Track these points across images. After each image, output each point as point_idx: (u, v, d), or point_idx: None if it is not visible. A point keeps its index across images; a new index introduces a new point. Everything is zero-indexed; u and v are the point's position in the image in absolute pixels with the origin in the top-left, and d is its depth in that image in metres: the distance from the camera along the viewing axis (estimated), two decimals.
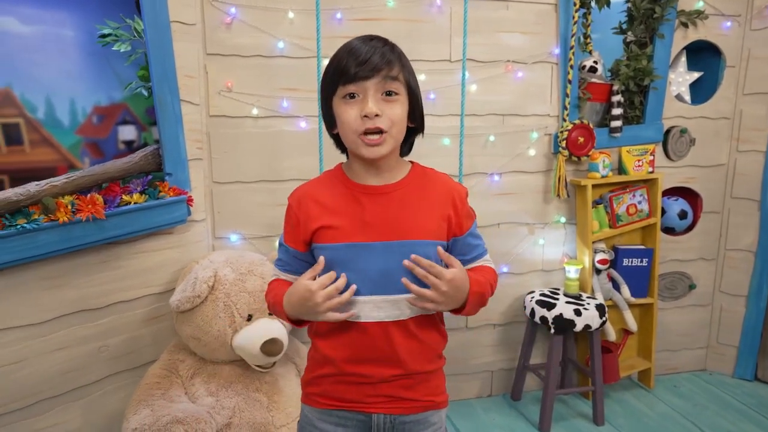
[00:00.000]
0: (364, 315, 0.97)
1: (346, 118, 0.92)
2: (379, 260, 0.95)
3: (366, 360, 0.98)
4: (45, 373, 1.53)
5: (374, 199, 0.97)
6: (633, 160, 2.23)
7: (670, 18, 2.19)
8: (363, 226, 0.96)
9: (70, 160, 1.69)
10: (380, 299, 0.96)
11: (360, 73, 0.89)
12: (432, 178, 1.03)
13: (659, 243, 2.32)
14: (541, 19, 2.12)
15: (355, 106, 0.92)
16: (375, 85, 0.91)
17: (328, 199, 0.99)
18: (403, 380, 0.99)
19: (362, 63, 0.89)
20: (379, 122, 0.91)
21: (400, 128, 0.95)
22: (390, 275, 0.95)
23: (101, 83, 1.75)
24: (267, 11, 1.87)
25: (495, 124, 2.15)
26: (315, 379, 1.04)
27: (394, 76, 0.92)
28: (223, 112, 1.89)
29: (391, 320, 0.97)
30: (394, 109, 0.93)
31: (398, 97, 0.93)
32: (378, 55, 0.90)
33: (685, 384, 2.47)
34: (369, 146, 0.92)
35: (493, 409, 2.26)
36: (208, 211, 1.93)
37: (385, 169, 0.99)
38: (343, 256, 0.96)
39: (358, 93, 0.91)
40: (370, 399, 0.99)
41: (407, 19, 2.00)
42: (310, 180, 1.06)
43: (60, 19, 1.65)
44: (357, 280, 0.96)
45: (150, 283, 1.75)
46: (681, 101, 2.37)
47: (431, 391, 1.03)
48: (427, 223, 0.97)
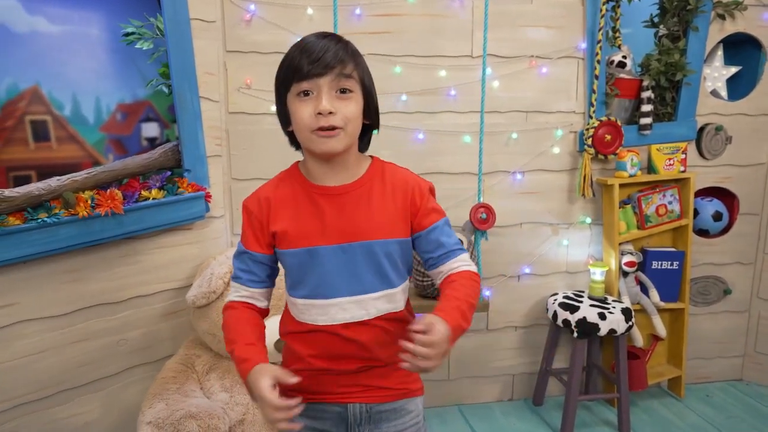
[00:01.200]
0: (329, 318, 0.96)
1: (300, 115, 0.90)
2: (341, 263, 0.94)
3: (336, 357, 0.98)
4: (65, 365, 1.56)
5: (332, 200, 0.96)
6: (663, 158, 2.14)
7: (706, 10, 2.09)
8: (322, 229, 0.94)
9: (95, 157, 1.72)
10: (345, 301, 0.95)
11: (313, 71, 0.88)
12: (391, 174, 1.00)
13: (691, 245, 2.22)
14: (567, 12, 2.06)
15: (309, 104, 0.90)
16: (329, 83, 0.89)
17: (287, 202, 0.97)
18: (375, 369, 0.99)
19: (315, 60, 0.88)
20: (332, 120, 0.89)
21: (355, 125, 0.94)
22: (353, 277, 0.95)
23: (125, 81, 1.77)
24: (286, 8, 1.87)
25: (518, 122, 2.10)
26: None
27: (348, 74, 0.90)
28: (242, 108, 1.90)
29: (356, 320, 0.96)
30: (348, 107, 0.91)
31: (352, 94, 0.92)
32: (331, 53, 0.89)
33: (718, 394, 2.36)
34: (322, 140, 0.90)
35: (513, 414, 2.21)
36: (227, 208, 1.94)
37: (341, 168, 0.97)
38: (304, 261, 0.95)
39: (311, 90, 0.90)
40: (344, 389, 0.99)
41: (428, 14, 1.97)
42: (266, 182, 1.03)
43: (86, 18, 1.68)
44: (320, 283, 0.95)
45: (168, 278, 1.77)
46: (717, 97, 2.26)
47: (404, 379, 1.02)
48: (388, 220, 0.96)
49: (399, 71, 1.98)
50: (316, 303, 0.96)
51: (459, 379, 2.25)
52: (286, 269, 0.99)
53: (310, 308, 0.96)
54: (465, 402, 2.28)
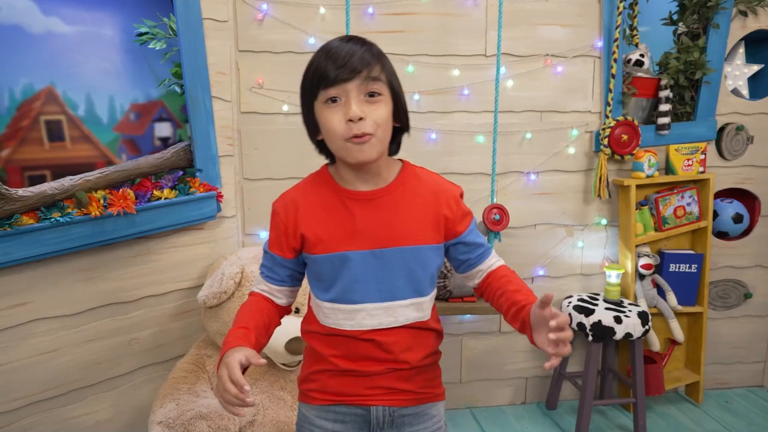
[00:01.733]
0: (356, 323, 0.94)
1: (331, 124, 0.88)
2: (372, 268, 0.93)
3: (360, 358, 0.97)
4: (77, 364, 1.57)
5: (363, 205, 0.94)
6: (682, 159, 2.09)
7: (727, 6, 2.04)
8: (353, 234, 0.93)
9: (108, 156, 1.73)
10: (373, 307, 0.94)
11: (340, 76, 0.86)
12: (423, 179, 0.98)
13: (710, 248, 2.17)
14: (583, 10, 2.02)
15: (339, 111, 0.87)
16: (357, 87, 0.87)
17: (317, 207, 0.96)
18: (400, 372, 0.97)
19: (341, 65, 0.86)
20: (364, 126, 0.87)
21: (386, 129, 0.91)
22: (383, 283, 0.93)
23: (138, 81, 1.78)
24: (298, 7, 1.86)
25: (532, 121, 2.07)
26: (312, 375, 1.02)
27: (375, 77, 0.88)
28: (254, 108, 1.89)
29: (383, 327, 0.94)
30: (378, 111, 0.89)
31: (381, 97, 0.90)
32: (357, 57, 0.87)
33: (738, 400, 2.30)
34: (356, 148, 0.88)
35: (526, 418, 2.18)
36: (238, 208, 1.94)
37: (373, 173, 0.95)
38: (334, 266, 0.94)
39: (339, 96, 0.87)
40: (368, 391, 0.98)
41: (441, 12, 1.94)
42: (296, 184, 1.01)
43: (100, 18, 1.69)
44: (349, 288, 0.93)
45: (180, 278, 1.78)
46: (738, 96, 2.21)
47: (428, 383, 1.01)
48: (420, 226, 0.94)
49: (411, 70, 1.96)
50: (343, 308, 0.94)
51: (471, 381, 2.22)
52: (314, 273, 0.97)
53: (337, 312, 0.95)
54: (477, 405, 2.25)
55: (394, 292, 0.93)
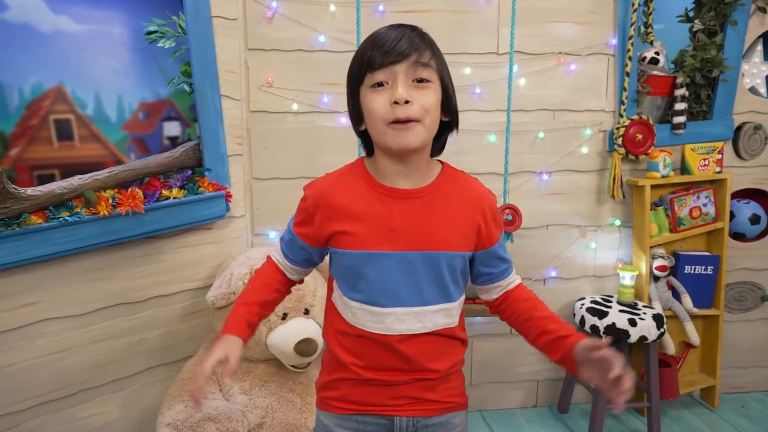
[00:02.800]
0: (384, 327, 0.91)
1: (374, 106, 0.84)
2: (403, 271, 0.89)
3: (384, 367, 0.93)
4: (86, 364, 1.56)
5: (400, 203, 0.90)
6: (698, 158, 2.05)
7: (746, 2, 1.99)
8: (388, 233, 0.89)
9: (117, 156, 1.72)
10: (402, 311, 0.90)
11: (388, 59, 0.82)
12: (462, 182, 0.95)
13: (726, 250, 2.13)
14: (597, 7, 1.98)
15: (384, 94, 0.84)
16: (405, 71, 0.83)
17: (350, 200, 0.91)
18: (424, 381, 0.94)
19: (390, 49, 0.82)
20: (409, 110, 0.83)
21: (434, 118, 0.87)
22: (413, 287, 0.89)
23: (147, 80, 1.77)
24: (308, 4, 1.84)
25: (545, 120, 2.03)
26: (332, 382, 0.99)
27: (425, 62, 0.84)
28: (264, 107, 1.88)
29: (412, 333, 0.91)
30: (426, 96, 0.84)
31: (430, 84, 0.85)
32: (406, 40, 0.83)
33: (754, 405, 2.26)
34: (398, 133, 0.84)
35: (538, 421, 2.15)
36: (247, 208, 1.92)
37: (413, 170, 0.91)
38: (364, 264, 0.89)
39: (386, 80, 0.84)
40: (392, 401, 0.94)
41: (452, 10, 1.92)
42: (330, 173, 0.97)
43: (109, 17, 1.68)
44: (379, 290, 0.89)
45: (189, 278, 1.76)
46: (756, 95, 2.16)
47: (452, 392, 0.98)
48: (455, 231, 0.90)
49: None
50: (371, 310, 0.90)
51: (482, 384, 2.19)
52: (342, 268, 0.93)
53: (365, 314, 0.91)
54: (488, 408, 2.22)
55: (424, 296, 0.89)
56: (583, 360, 0.84)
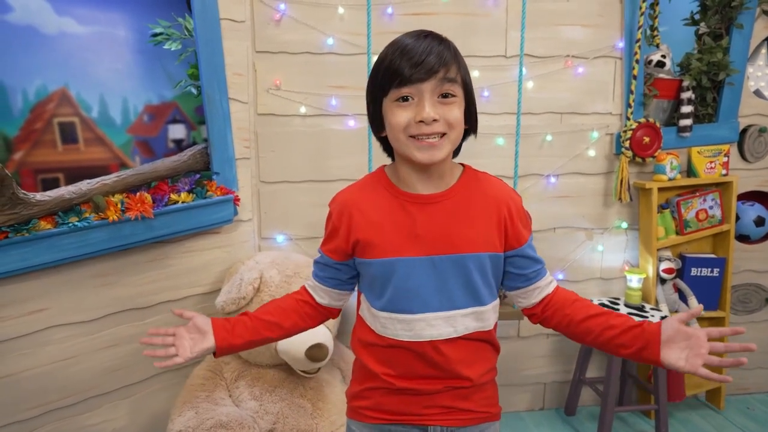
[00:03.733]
0: (415, 334, 0.90)
1: (398, 120, 0.84)
2: (431, 276, 0.88)
3: (418, 376, 0.92)
4: (94, 371, 1.54)
5: (423, 209, 0.90)
6: (704, 161, 2.06)
7: (751, 6, 2.00)
8: (413, 239, 0.88)
9: (122, 159, 1.70)
10: (432, 317, 0.89)
11: (416, 75, 0.81)
12: (485, 183, 0.94)
13: (732, 252, 2.14)
14: (605, 10, 1.99)
15: (409, 109, 0.84)
16: (431, 88, 0.82)
17: (373, 209, 0.91)
18: (458, 390, 0.93)
19: (418, 64, 0.81)
20: (436, 127, 0.83)
21: (459, 132, 0.87)
22: (442, 291, 0.89)
23: (152, 82, 1.75)
24: (317, 7, 1.83)
25: (552, 123, 2.03)
26: (364, 392, 0.98)
27: (452, 78, 0.83)
28: (271, 110, 1.86)
29: (444, 338, 0.90)
30: (452, 112, 0.84)
31: (455, 99, 0.85)
32: (435, 56, 0.81)
33: (759, 406, 2.27)
34: (424, 149, 0.84)
35: (545, 424, 2.14)
36: (255, 211, 1.90)
37: (436, 176, 0.91)
38: (390, 272, 0.89)
39: (412, 96, 0.83)
40: (426, 411, 0.94)
41: (461, 12, 1.91)
42: (351, 184, 0.98)
43: (114, 19, 1.66)
44: (407, 296, 0.89)
45: (196, 283, 1.74)
46: (760, 98, 2.17)
47: (486, 402, 0.97)
48: (481, 233, 0.90)
49: None
50: (400, 317, 0.90)
51: None
52: (369, 279, 0.93)
53: (394, 322, 0.91)
54: None
55: (453, 301, 0.89)
56: (671, 338, 0.82)
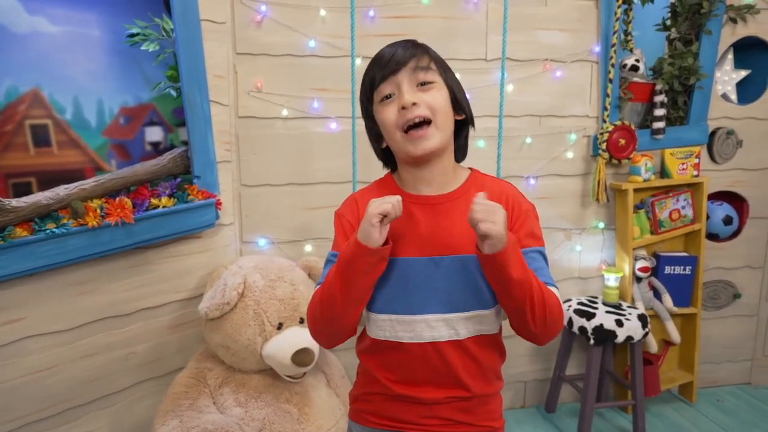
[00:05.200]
0: (416, 335, 0.90)
1: (386, 116, 0.89)
2: (432, 277, 0.88)
3: (419, 382, 0.91)
4: (73, 381, 1.50)
5: (426, 210, 0.91)
6: (677, 163, 2.13)
7: (719, 13, 2.08)
8: (415, 240, 0.89)
9: (97, 162, 1.66)
10: (434, 318, 0.89)
11: (387, 70, 0.87)
12: (491, 187, 0.93)
13: (703, 250, 2.21)
14: (582, 15, 2.03)
15: (393, 104, 0.89)
16: (407, 78, 0.88)
17: None
18: (460, 402, 0.92)
19: (387, 61, 0.88)
20: (417, 110, 0.86)
21: (445, 116, 0.89)
22: (444, 293, 0.88)
23: (128, 84, 1.71)
24: (298, 9, 1.82)
25: (531, 126, 2.07)
26: (366, 396, 0.98)
27: (425, 66, 0.88)
28: (253, 113, 1.84)
29: (445, 340, 0.89)
30: (431, 95, 0.88)
31: (434, 84, 0.89)
32: (401, 49, 0.88)
33: (728, 398, 2.35)
34: (414, 141, 0.87)
35: (527, 422, 2.18)
36: (236, 215, 1.88)
37: (438, 174, 0.92)
38: (392, 272, 0.89)
39: (393, 92, 0.88)
40: (425, 420, 0.92)
41: (442, 16, 1.93)
42: (359, 189, 1.00)
43: (88, 18, 1.62)
44: (407, 297, 0.89)
45: (177, 289, 1.71)
46: (727, 101, 2.25)
47: (489, 416, 0.95)
48: None
49: None
50: (401, 318, 0.89)
51: None
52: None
53: (395, 324, 0.90)
54: None
55: (455, 303, 0.88)
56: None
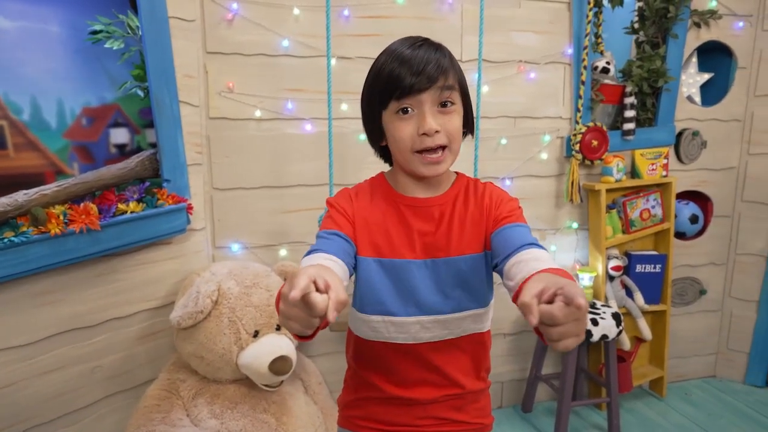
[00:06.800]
0: (411, 336, 0.90)
1: (402, 135, 0.84)
2: (426, 278, 0.88)
3: (412, 383, 0.92)
4: (37, 397, 1.41)
5: (418, 212, 0.90)
6: (647, 163, 2.17)
7: (684, 18, 2.13)
8: (409, 242, 0.89)
9: (58, 165, 1.57)
10: (428, 320, 0.89)
11: (416, 86, 0.81)
12: (478, 188, 0.94)
13: (672, 248, 2.27)
14: (554, 17, 2.05)
15: (410, 122, 0.84)
16: (431, 98, 0.82)
17: (369, 211, 0.91)
18: (453, 400, 0.93)
19: (417, 74, 0.80)
20: (438, 139, 0.83)
21: (459, 141, 0.88)
22: (438, 294, 0.88)
23: (91, 83, 1.63)
24: (271, 7, 1.77)
25: (506, 127, 2.07)
26: (357, 401, 0.97)
27: (450, 86, 0.84)
28: (224, 114, 1.78)
29: (440, 339, 0.90)
30: (452, 122, 0.85)
31: (454, 107, 0.85)
32: (433, 64, 0.81)
33: (696, 392, 2.42)
34: (429, 166, 0.85)
35: (504, 422, 2.19)
36: (208, 220, 1.82)
37: (434, 183, 0.91)
38: (385, 273, 0.88)
39: (412, 107, 0.83)
40: (419, 421, 0.93)
41: (417, 16, 1.91)
42: (353, 186, 0.97)
43: (45, 14, 1.54)
44: (401, 299, 0.88)
45: (146, 298, 1.64)
46: (692, 103, 2.32)
47: (480, 413, 0.97)
48: (474, 235, 0.89)
49: None
50: (395, 320, 0.89)
51: None
52: (361, 281, 0.90)
53: (389, 326, 0.89)
54: None
55: (450, 304, 0.89)
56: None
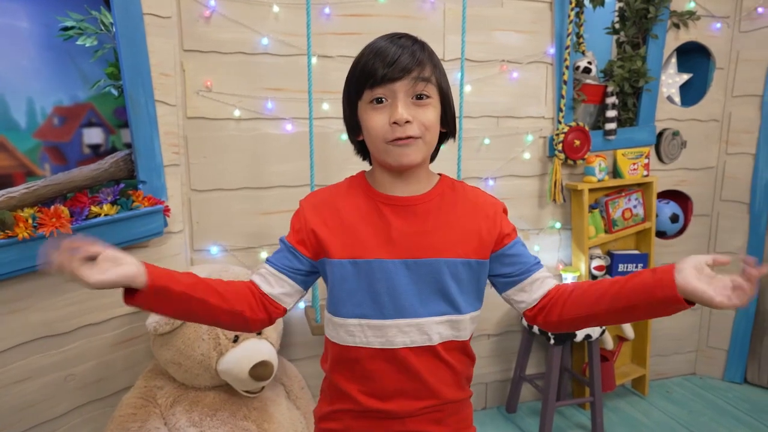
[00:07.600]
0: (387, 341, 0.86)
1: (373, 124, 0.83)
2: (404, 280, 0.85)
3: (390, 394, 0.88)
4: (5, 409, 1.35)
5: (398, 211, 0.87)
6: (628, 163, 2.18)
7: (664, 18, 2.15)
8: (386, 242, 0.86)
9: (28, 167, 1.52)
10: (405, 323, 0.86)
11: (388, 75, 0.80)
12: (462, 191, 0.92)
13: (654, 247, 2.28)
14: (536, 17, 2.05)
15: (383, 112, 0.82)
16: (405, 88, 0.81)
17: (347, 209, 0.88)
18: (432, 413, 0.90)
19: (390, 64, 0.80)
20: (410, 129, 0.81)
21: (434, 133, 0.86)
22: (415, 296, 0.86)
23: (63, 81, 1.58)
24: (250, 4, 1.73)
25: (489, 127, 2.06)
26: (334, 414, 0.93)
27: (426, 78, 0.82)
28: (202, 113, 1.74)
29: (417, 346, 0.87)
30: (426, 114, 0.83)
31: (430, 100, 0.84)
32: (407, 55, 0.81)
33: (676, 389, 2.45)
34: (399, 150, 0.82)
35: (489, 423, 2.18)
36: (186, 222, 1.77)
37: (413, 180, 0.88)
38: (361, 274, 0.85)
39: (386, 97, 0.82)
40: None
41: (399, 15, 1.89)
42: (328, 186, 0.95)
43: (13, 9, 1.48)
44: (378, 301, 0.86)
45: (122, 303, 1.58)
46: (672, 103, 2.34)
47: (461, 425, 0.94)
48: (456, 239, 0.87)
49: None
50: (372, 323, 0.86)
51: None
52: (336, 284, 0.87)
53: (365, 329, 0.86)
54: None
55: (428, 306, 0.86)
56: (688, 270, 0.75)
